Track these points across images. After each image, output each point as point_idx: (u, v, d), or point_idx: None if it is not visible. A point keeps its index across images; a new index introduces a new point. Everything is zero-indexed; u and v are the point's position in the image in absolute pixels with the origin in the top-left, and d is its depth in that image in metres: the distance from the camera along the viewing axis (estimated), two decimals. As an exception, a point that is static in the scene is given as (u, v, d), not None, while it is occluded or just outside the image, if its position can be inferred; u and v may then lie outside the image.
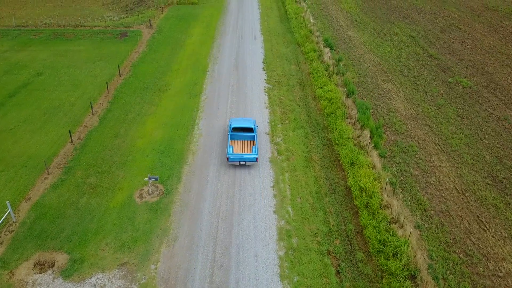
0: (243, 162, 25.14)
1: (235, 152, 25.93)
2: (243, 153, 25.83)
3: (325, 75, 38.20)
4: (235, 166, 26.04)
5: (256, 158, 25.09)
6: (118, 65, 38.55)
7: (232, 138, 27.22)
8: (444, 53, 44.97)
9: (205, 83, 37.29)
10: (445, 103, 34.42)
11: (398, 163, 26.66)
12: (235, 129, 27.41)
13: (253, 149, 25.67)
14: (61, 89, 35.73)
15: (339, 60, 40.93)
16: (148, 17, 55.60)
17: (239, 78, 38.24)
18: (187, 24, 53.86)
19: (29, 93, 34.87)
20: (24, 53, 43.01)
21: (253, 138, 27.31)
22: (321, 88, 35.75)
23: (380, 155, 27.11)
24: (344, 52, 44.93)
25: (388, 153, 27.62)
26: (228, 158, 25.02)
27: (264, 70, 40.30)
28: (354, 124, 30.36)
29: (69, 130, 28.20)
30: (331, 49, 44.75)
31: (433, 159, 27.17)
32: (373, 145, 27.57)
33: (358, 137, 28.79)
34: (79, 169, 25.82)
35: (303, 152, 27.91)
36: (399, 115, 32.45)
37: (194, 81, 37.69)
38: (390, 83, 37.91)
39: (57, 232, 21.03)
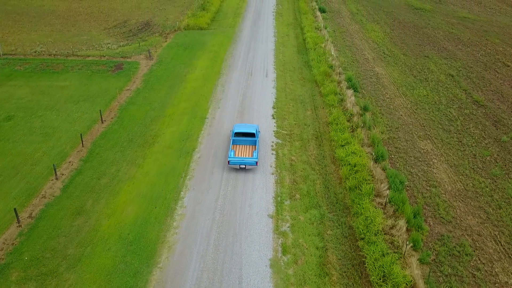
0: (244, 166, 25.95)
1: (237, 156, 26.65)
2: (244, 156, 26.46)
3: (348, 128, 31.27)
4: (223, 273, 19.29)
5: (256, 162, 25.85)
6: (100, 111, 32.50)
7: (234, 142, 28.02)
8: (491, 99, 37.45)
9: (201, 136, 30.84)
10: (502, 174, 26.93)
11: (447, 276, 19.35)
12: (237, 134, 28.19)
13: (254, 153, 26.48)
14: (28, 139, 29.87)
15: (364, 108, 33.93)
16: (150, 45, 50.00)
17: (243, 130, 31.62)
18: (192, 54, 47.92)
19: (-11, 145, 29.14)
20: (1, 90, 37.62)
21: (254, 143, 28.06)
22: (343, 147, 28.83)
23: (421, 261, 19.87)
24: (370, 95, 37.92)
25: (432, 257, 20.36)
26: (229, 162, 25.84)
27: (273, 118, 33.65)
28: (385, 206, 23.23)
29: (15, 209, 21.99)
30: (355, 91, 37.87)
31: (496, 269, 19.75)
32: (411, 244, 20.37)
33: (391, 228, 21.66)
34: (17, 268, 19.50)
35: (317, 248, 20.93)
36: (443, 192, 25.13)
37: (189, 132, 31.31)
38: (429, 141, 30.65)
39: None
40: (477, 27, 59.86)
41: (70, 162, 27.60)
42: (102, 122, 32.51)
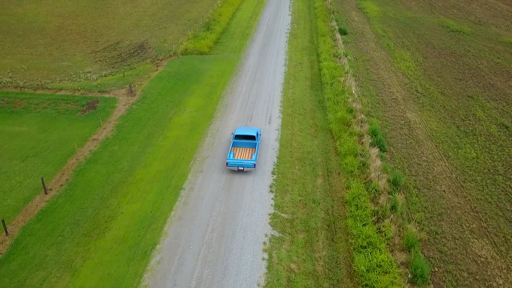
0: (242, 168, 25.96)
1: (236, 158, 26.75)
2: (242, 158, 26.57)
3: (371, 214, 22.71)
4: None
5: (254, 165, 25.82)
6: (43, 180, 24.75)
7: (234, 145, 28.25)
8: None
9: (169, 221, 22.74)
10: None
11: None
12: (238, 137, 28.28)
13: (253, 156, 26.66)
14: None
15: (394, 182, 25.23)
16: (137, 75, 42.45)
17: (228, 214, 23.38)
18: (184, 88, 40.15)
19: None
20: None
21: (254, 146, 28.09)
22: (364, 250, 20.29)
23: None
24: (401, 156, 29.18)
25: None
26: (227, 163, 25.90)
27: (271, 190, 25.29)
28: None
29: None
30: (381, 149, 29.22)
31: None
32: None
33: None
34: None
35: None
36: None
37: (154, 214, 23.26)
38: (486, 240, 21.73)
39: None
40: (528, 57, 50.19)
41: (-20, 264, 19.88)
42: (46, 193, 24.82)
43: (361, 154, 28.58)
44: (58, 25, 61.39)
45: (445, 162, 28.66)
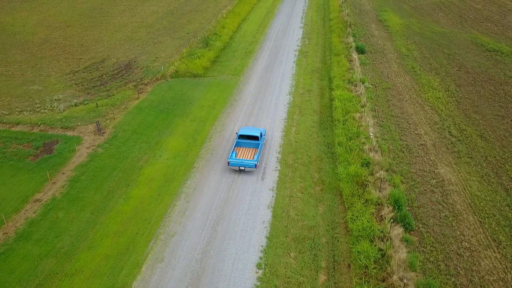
0: (243, 168, 26.04)
1: (238, 158, 26.82)
2: (244, 158, 26.51)
3: None
4: None
5: (256, 165, 25.78)
6: None
7: (237, 145, 28.39)
8: None
9: None
10: None
11: None
12: (241, 137, 28.39)
13: (255, 156, 26.57)
14: None
15: (428, 296, 17.79)
16: (113, 104, 35.86)
17: None
18: (166, 123, 33.39)
19: None
20: None
21: (257, 146, 28.12)
22: None
23: None
24: (433, 238, 21.68)
25: None
26: (228, 163, 26.03)
27: (253, 298, 18.15)
28: None
29: None
30: (406, 228, 21.82)
31: None
32: None
33: None
34: None
35: None
36: None
37: (82, 338, 16.35)
38: None
39: None
40: None
41: None
42: None
43: (379, 237, 21.20)
44: (43, 37, 55.57)
45: (494, 252, 21.03)
